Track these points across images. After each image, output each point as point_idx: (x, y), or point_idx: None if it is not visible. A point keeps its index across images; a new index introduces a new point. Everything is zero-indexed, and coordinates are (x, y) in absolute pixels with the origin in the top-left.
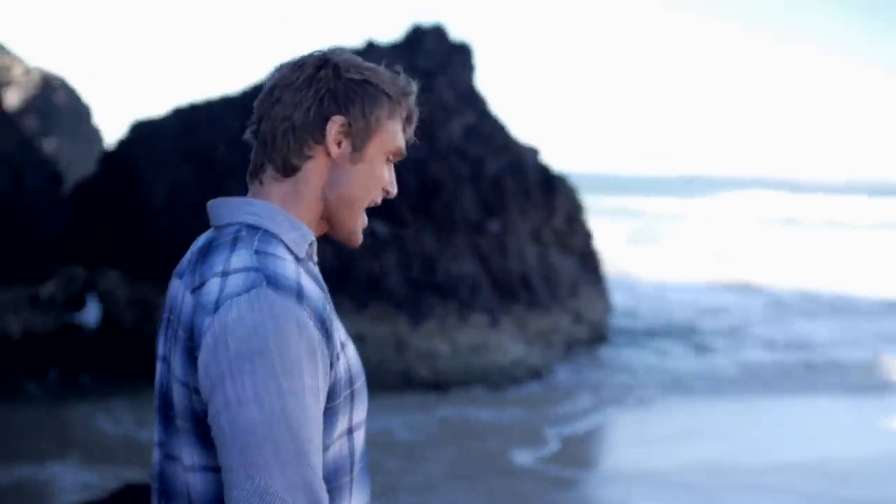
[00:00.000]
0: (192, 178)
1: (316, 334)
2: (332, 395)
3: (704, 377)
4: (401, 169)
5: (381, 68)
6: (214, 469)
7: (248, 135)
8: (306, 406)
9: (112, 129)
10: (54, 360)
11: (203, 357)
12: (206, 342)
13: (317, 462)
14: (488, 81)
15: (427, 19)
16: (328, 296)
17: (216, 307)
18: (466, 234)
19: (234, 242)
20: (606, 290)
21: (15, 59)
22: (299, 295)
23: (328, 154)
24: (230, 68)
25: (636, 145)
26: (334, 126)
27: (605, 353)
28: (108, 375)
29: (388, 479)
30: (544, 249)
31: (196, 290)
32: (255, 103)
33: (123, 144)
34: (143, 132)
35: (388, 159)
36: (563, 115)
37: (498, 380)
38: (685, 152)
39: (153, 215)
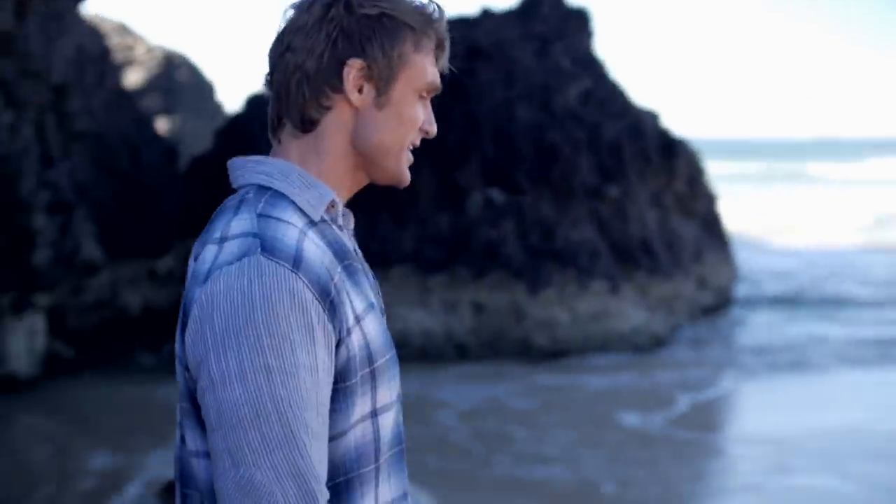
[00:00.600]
0: None
1: (314, 306)
2: (344, 375)
3: (836, 344)
4: (516, 135)
5: None
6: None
7: (263, 87)
8: (299, 386)
9: (236, 104)
10: (171, 334)
11: (190, 331)
12: (193, 315)
13: (313, 449)
14: (607, 46)
15: None
16: (355, 261)
17: (206, 277)
18: (585, 200)
19: (239, 206)
20: (732, 255)
21: (137, 38)
22: (296, 262)
23: (349, 102)
24: None
25: (764, 108)
26: (352, 70)
27: (731, 319)
28: None
29: (518, 448)
30: (665, 214)
31: (197, 258)
32: (268, 52)
33: (239, 118)
34: (258, 105)
35: (420, 96)
36: (685, 80)
37: (619, 347)
38: (817, 114)
39: None
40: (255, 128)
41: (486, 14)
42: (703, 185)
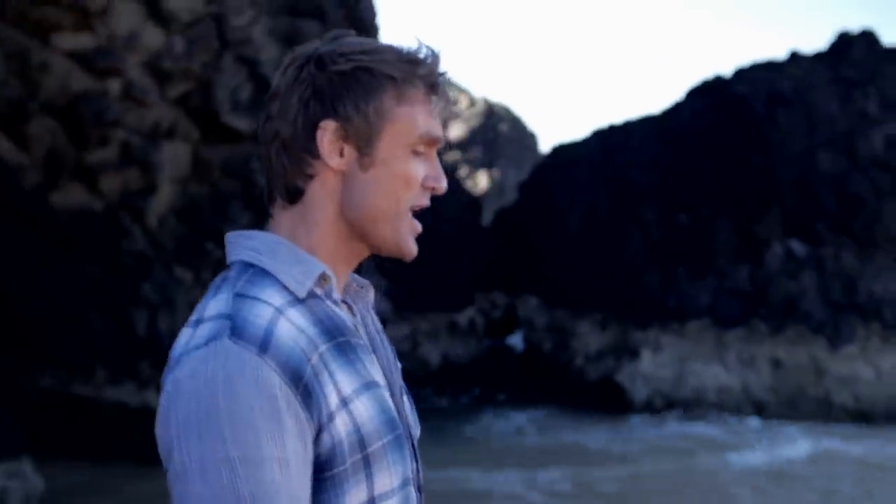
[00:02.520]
0: (606, 203)
1: (283, 392)
2: (329, 463)
3: None
4: (817, 184)
5: (384, 45)
6: None
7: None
8: (265, 479)
9: None
10: (475, 382)
11: (157, 421)
12: (161, 402)
13: None
14: None
15: (856, 24)
16: (354, 338)
17: (176, 362)
18: (889, 251)
19: (221, 285)
20: None
21: (461, 91)
22: (263, 345)
23: (331, 167)
24: (659, 84)
25: None
26: (325, 133)
27: None
28: (526, 396)
29: None
30: None
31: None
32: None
33: (542, 170)
34: (561, 157)
35: (415, 152)
36: None
37: None
38: None
39: (568, 241)
40: (555, 180)
41: (794, 57)
42: None
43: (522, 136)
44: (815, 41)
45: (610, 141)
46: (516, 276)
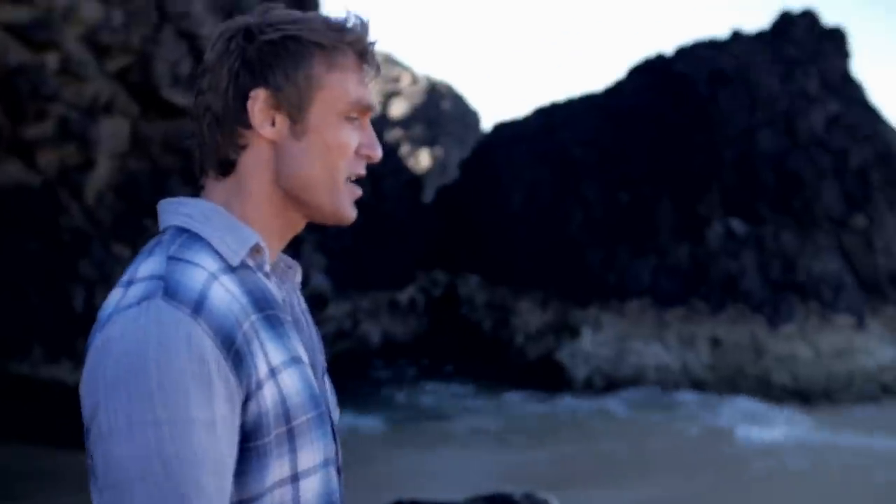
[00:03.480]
0: (548, 181)
1: (214, 355)
2: (255, 433)
3: None
4: (758, 163)
5: (312, 14)
6: None
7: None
8: (192, 442)
9: None
10: (413, 359)
11: (83, 380)
12: (87, 361)
13: None
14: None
15: (797, 4)
16: (282, 313)
17: (105, 322)
18: (829, 230)
19: (153, 248)
20: None
21: (403, 69)
22: (197, 307)
23: (263, 137)
24: (614, 62)
25: None
26: (256, 102)
27: None
28: (465, 370)
29: None
30: None
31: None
32: None
33: (483, 148)
34: (503, 134)
35: (348, 118)
36: None
37: (865, 387)
38: None
39: (510, 219)
40: (497, 158)
41: (735, 37)
42: None
43: (465, 114)
44: (760, 20)
45: (552, 119)
46: (458, 254)
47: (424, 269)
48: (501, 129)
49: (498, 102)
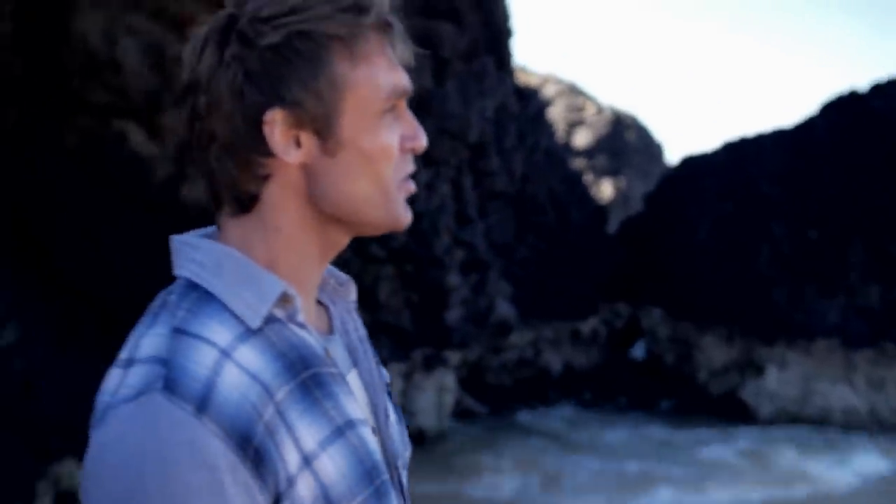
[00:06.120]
0: (735, 216)
1: (227, 460)
2: None
3: None
4: None
5: None
6: None
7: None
8: None
9: None
10: (592, 388)
11: (81, 487)
12: (84, 468)
13: None
14: None
15: None
16: (325, 368)
17: (102, 417)
18: None
19: (158, 313)
20: None
21: (587, 99)
22: (202, 402)
23: (289, 163)
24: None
25: None
26: (274, 127)
27: None
28: (645, 402)
29: None
30: None
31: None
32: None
33: (670, 181)
34: (690, 168)
35: (384, 112)
36: None
37: None
38: None
39: (695, 253)
40: (684, 191)
41: None
42: None
43: (649, 146)
44: None
45: (741, 153)
46: (641, 286)
47: (607, 301)
48: (689, 162)
49: (683, 135)
